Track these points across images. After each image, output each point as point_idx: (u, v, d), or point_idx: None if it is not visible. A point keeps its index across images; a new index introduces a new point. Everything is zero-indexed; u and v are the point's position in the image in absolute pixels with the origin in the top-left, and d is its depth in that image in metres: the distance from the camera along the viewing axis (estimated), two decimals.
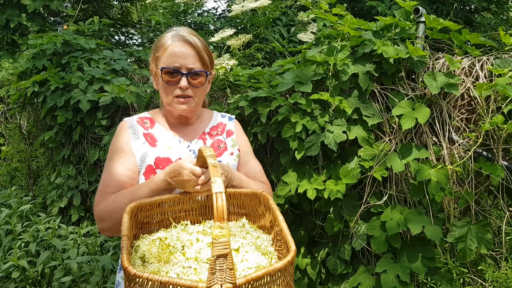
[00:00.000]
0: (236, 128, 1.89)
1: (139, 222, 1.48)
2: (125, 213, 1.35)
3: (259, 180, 1.82)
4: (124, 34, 9.42)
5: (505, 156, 2.31)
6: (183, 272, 1.23)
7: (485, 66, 2.33)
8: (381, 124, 2.43)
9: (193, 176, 1.45)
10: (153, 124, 1.78)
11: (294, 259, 1.23)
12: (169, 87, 1.66)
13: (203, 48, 1.69)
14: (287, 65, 2.71)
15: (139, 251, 1.35)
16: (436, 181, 2.17)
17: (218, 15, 6.37)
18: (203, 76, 1.69)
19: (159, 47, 1.69)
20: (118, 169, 1.64)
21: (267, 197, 1.51)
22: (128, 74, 3.89)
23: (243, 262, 1.29)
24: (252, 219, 1.60)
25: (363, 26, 2.55)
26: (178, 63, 1.64)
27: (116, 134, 1.75)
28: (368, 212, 2.43)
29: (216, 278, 1.05)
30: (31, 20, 6.39)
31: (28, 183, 4.87)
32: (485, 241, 2.21)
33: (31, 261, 3.14)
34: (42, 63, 3.88)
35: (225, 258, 1.05)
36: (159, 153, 1.69)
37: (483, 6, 6.09)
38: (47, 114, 3.76)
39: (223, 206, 1.08)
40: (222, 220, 1.07)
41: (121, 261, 1.17)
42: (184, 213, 1.56)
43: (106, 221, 1.57)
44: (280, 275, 1.17)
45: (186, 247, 1.36)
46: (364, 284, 2.33)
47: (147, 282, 1.08)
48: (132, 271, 1.10)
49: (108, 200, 1.58)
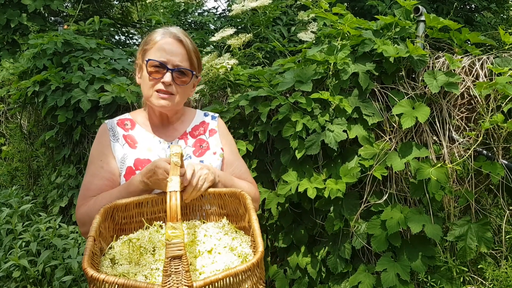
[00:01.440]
0: (219, 127, 1.86)
1: (117, 223, 1.46)
2: (98, 214, 1.34)
3: (245, 179, 1.81)
4: (124, 34, 9.42)
5: (505, 154, 2.31)
6: (151, 274, 1.22)
7: (485, 65, 2.33)
8: (381, 123, 2.43)
9: (167, 175, 1.43)
10: (134, 125, 1.76)
11: (261, 260, 1.18)
12: (152, 80, 1.63)
13: (193, 50, 1.68)
14: (288, 64, 2.71)
15: (111, 253, 1.33)
16: (436, 180, 2.18)
17: (218, 14, 6.36)
18: (189, 76, 1.67)
19: (149, 41, 1.67)
20: (98, 172, 1.65)
21: (245, 196, 1.48)
22: (128, 73, 3.89)
23: (214, 264, 1.27)
24: (233, 220, 1.57)
25: (363, 25, 2.55)
26: (166, 58, 1.62)
27: (96, 137, 1.75)
28: (368, 211, 2.43)
29: (172, 281, 1.03)
30: (31, 20, 6.39)
31: (28, 183, 4.88)
32: (485, 239, 2.22)
33: (31, 260, 3.14)
34: (43, 62, 3.88)
35: (180, 260, 1.03)
36: (139, 154, 1.68)
37: (483, 5, 6.09)
38: (47, 114, 3.77)
39: (176, 206, 1.06)
40: (175, 220, 1.05)
41: (82, 262, 1.15)
42: (163, 213, 1.53)
43: (87, 225, 1.53)
44: (245, 278, 1.13)
45: (157, 249, 1.34)
46: (365, 283, 2.33)
47: (103, 284, 1.07)
48: (89, 272, 1.08)
49: (89, 204, 1.58)
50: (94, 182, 1.63)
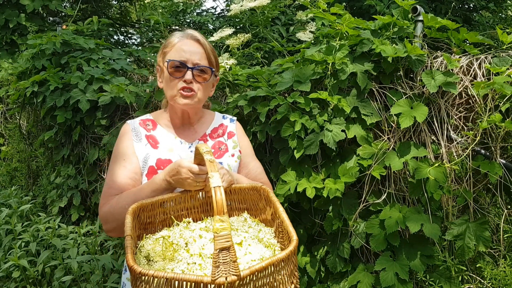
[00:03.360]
0: (237, 130, 1.91)
1: (142, 223, 1.50)
2: (128, 214, 1.37)
3: (260, 181, 1.84)
4: (123, 34, 9.42)
5: (503, 154, 2.32)
6: (188, 269, 1.25)
7: (483, 65, 2.34)
8: (380, 123, 2.44)
9: (191, 174, 1.48)
10: (155, 126, 1.80)
11: (296, 248, 1.25)
12: (174, 80, 1.68)
13: (211, 50, 1.74)
14: (286, 64, 2.72)
15: (143, 251, 1.37)
16: (435, 180, 2.18)
17: (217, 14, 6.37)
18: (208, 73, 1.71)
19: (168, 44, 1.73)
20: (121, 171, 1.67)
21: (267, 190, 1.54)
22: (127, 73, 3.89)
23: (247, 255, 1.31)
24: (253, 213, 1.62)
25: (362, 25, 2.56)
26: (185, 57, 1.67)
27: (119, 137, 1.78)
28: (367, 210, 2.44)
29: (220, 271, 1.07)
30: (30, 20, 6.39)
31: (28, 183, 4.88)
32: (484, 239, 2.23)
33: (31, 260, 3.15)
34: (42, 63, 3.88)
35: (227, 251, 1.07)
36: (161, 154, 1.72)
37: (482, 5, 6.10)
38: (46, 114, 3.77)
39: (222, 200, 1.10)
40: (222, 213, 1.08)
41: (126, 260, 1.18)
42: (186, 211, 1.59)
43: (110, 223, 1.60)
44: (283, 265, 1.20)
45: (189, 244, 1.38)
46: (363, 282, 2.34)
47: (153, 280, 1.10)
48: (137, 269, 1.11)
49: (112, 202, 1.60)
50: (117, 181, 1.66)
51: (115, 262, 3.01)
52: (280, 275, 1.20)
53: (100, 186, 3.62)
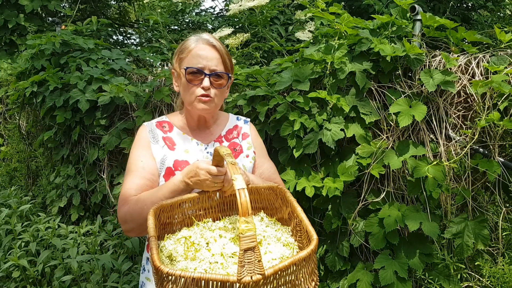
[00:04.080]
0: (251, 131, 1.94)
1: (162, 223, 1.52)
2: (149, 215, 1.39)
3: (274, 181, 1.87)
4: (122, 34, 9.41)
5: (501, 152, 2.33)
6: (210, 268, 1.27)
7: (481, 64, 2.35)
8: (379, 122, 2.45)
9: (209, 176, 1.50)
10: (171, 128, 1.82)
11: (316, 247, 1.27)
12: (192, 87, 1.70)
13: (225, 53, 1.75)
14: (285, 63, 2.72)
15: (165, 251, 1.38)
16: (433, 178, 2.19)
17: (215, 14, 6.38)
18: (225, 78, 1.73)
19: (184, 49, 1.74)
20: (139, 173, 1.69)
21: (284, 190, 1.57)
22: (126, 73, 3.89)
23: (267, 254, 1.34)
24: (269, 213, 1.65)
25: (360, 24, 2.56)
26: (202, 64, 1.68)
27: (136, 139, 1.80)
28: (366, 209, 2.44)
29: (246, 271, 1.09)
30: (29, 21, 6.39)
31: (27, 183, 4.88)
32: (482, 237, 2.23)
33: (31, 260, 3.15)
34: (41, 63, 3.88)
35: (252, 251, 1.10)
36: (178, 156, 1.74)
37: (480, 4, 6.11)
38: (46, 114, 3.77)
39: (246, 202, 1.13)
40: (247, 215, 1.11)
41: (151, 261, 1.20)
42: (203, 211, 1.61)
43: (129, 223, 1.62)
44: (305, 264, 1.22)
45: (210, 244, 1.40)
46: (363, 280, 2.35)
47: (180, 279, 1.12)
48: (164, 269, 1.13)
49: (131, 203, 1.62)
50: (135, 181, 1.67)
51: (115, 261, 3.01)
52: (301, 274, 1.22)
53: (99, 186, 3.63)
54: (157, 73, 3.70)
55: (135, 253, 3.25)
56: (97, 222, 3.45)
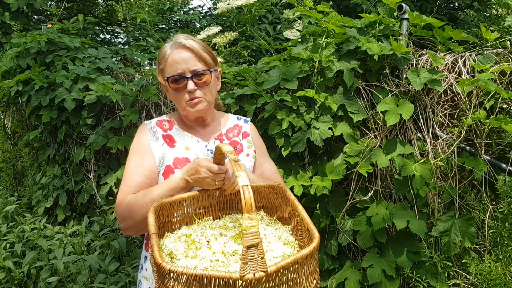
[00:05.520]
0: (251, 130, 1.94)
1: (161, 222, 1.51)
2: (150, 212, 1.38)
3: (274, 180, 1.87)
4: (109, 33, 9.34)
5: (487, 150, 2.34)
6: (211, 266, 1.27)
7: (468, 62, 2.36)
8: (366, 120, 2.45)
9: (210, 173, 1.50)
10: (172, 126, 1.82)
11: (318, 245, 1.28)
12: (179, 94, 1.71)
13: (201, 49, 1.73)
14: (273, 62, 2.72)
15: (165, 249, 1.38)
16: (421, 176, 2.20)
17: (203, 13, 6.35)
18: (207, 74, 1.72)
19: (161, 59, 1.74)
20: (138, 170, 1.69)
21: (284, 189, 1.57)
22: (113, 72, 3.86)
23: (268, 252, 1.35)
24: (269, 212, 1.65)
25: (348, 23, 2.56)
26: (181, 68, 1.68)
27: (136, 136, 1.80)
28: (354, 207, 2.45)
29: (249, 268, 1.09)
30: (14, 19, 6.30)
31: (13, 184, 4.82)
32: (469, 234, 2.25)
33: (16, 261, 3.11)
34: (26, 62, 3.83)
35: (256, 248, 1.10)
36: (178, 153, 1.73)
37: (466, 3, 6.16)
38: (31, 114, 3.72)
39: (250, 198, 1.12)
40: (250, 211, 1.11)
41: (153, 258, 1.19)
42: (203, 209, 1.61)
43: (127, 221, 1.61)
44: (306, 262, 1.23)
45: (211, 242, 1.40)
46: (351, 279, 2.35)
47: (182, 276, 1.11)
48: (166, 266, 1.12)
49: (129, 200, 1.61)
50: (134, 179, 1.66)
51: (102, 262, 2.98)
52: (303, 271, 1.23)
53: (86, 186, 3.59)
54: (145, 72, 3.68)
55: (122, 253, 3.22)
56: (83, 223, 3.42)
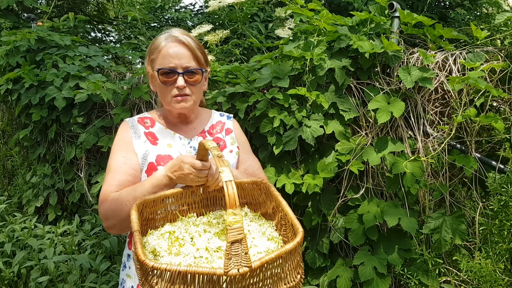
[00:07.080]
0: (234, 127, 1.93)
1: (144, 219, 1.50)
2: (132, 209, 1.37)
3: (257, 176, 1.86)
4: (100, 31, 9.27)
5: (477, 148, 2.36)
6: (195, 262, 1.26)
7: (458, 60, 2.37)
8: (358, 118, 2.46)
9: (193, 170, 1.49)
10: (154, 123, 1.80)
11: (302, 240, 1.28)
12: (167, 87, 1.68)
13: (197, 47, 1.71)
14: (265, 60, 2.71)
15: (148, 246, 1.37)
16: (411, 174, 2.21)
17: (195, 11, 6.33)
18: (199, 74, 1.70)
19: (154, 49, 1.71)
20: (121, 168, 1.66)
21: (268, 184, 1.56)
22: (104, 70, 3.83)
23: (252, 248, 1.34)
24: (253, 208, 1.64)
25: (339, 21, 2.57)
26: (174, 63, 1.66)
27: (118, 135, 1.77)
28: (346, 205, 2.45)
29: (233, 263, 1.09)
30: (4, 17, 6.23)
31: (3, 183, 4.78)
32: (460, 232, 2.26)
33: (6, 261, 3.08)
34: (16, 60, 3.80)
35: (240, 243, 1.09)
36: (160, 150, 1.72)
37: (457, 2, 6.19)
38: (21, 112, 3.69)
39: (234, 194, 1.12)
40: (234, 206, 1.11)
41: (136, 255, 1.18)
42: (187, 206, 1.60)
43: (111, 219, 1.59)
44: (290, 256, 1.23)
45: (195, 238, 1.39)
46: (342, 276, 2.36)
47: (166, 273, 1.10)
48: (149, 263, 1.11)
49: (112, 199, 1.59)
50: (117, 177, 1.64)
51: (93, 261, 2.96)
52: (287, 266, 1.23)
53: (77, 185, 3.57)
54: (136, 70, 3.66)
55: (114, 252, 3.21)
56: (74, 222, 3.39)
